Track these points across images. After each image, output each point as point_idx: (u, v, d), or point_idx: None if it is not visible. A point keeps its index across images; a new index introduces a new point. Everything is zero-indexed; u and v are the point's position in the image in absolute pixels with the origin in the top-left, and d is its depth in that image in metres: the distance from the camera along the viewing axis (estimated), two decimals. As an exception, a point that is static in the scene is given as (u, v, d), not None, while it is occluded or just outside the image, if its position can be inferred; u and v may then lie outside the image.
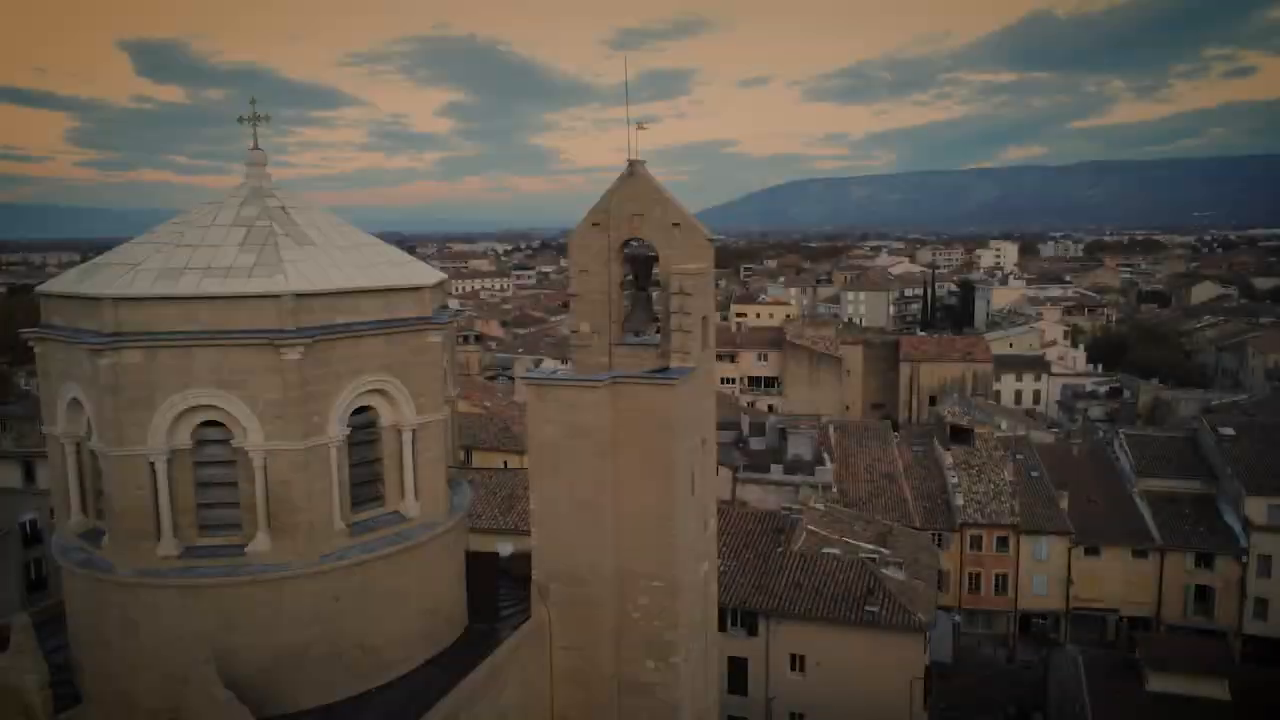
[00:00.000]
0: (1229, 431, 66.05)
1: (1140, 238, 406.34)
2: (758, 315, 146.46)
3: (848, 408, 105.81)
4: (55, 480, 20.09)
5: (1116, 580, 62.89)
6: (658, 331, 23.89)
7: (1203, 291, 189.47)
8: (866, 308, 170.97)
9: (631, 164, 23.39)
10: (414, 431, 20.17)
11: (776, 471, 66.95)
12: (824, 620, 43.61)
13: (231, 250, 18.73)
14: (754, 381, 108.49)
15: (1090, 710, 42.73)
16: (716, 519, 25.53)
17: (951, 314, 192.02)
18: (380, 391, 19.57)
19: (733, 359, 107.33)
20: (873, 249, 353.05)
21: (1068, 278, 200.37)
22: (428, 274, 21.07)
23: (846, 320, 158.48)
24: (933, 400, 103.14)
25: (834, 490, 65.48)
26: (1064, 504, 64.66)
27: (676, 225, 23.06)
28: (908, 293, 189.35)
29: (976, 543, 64.15)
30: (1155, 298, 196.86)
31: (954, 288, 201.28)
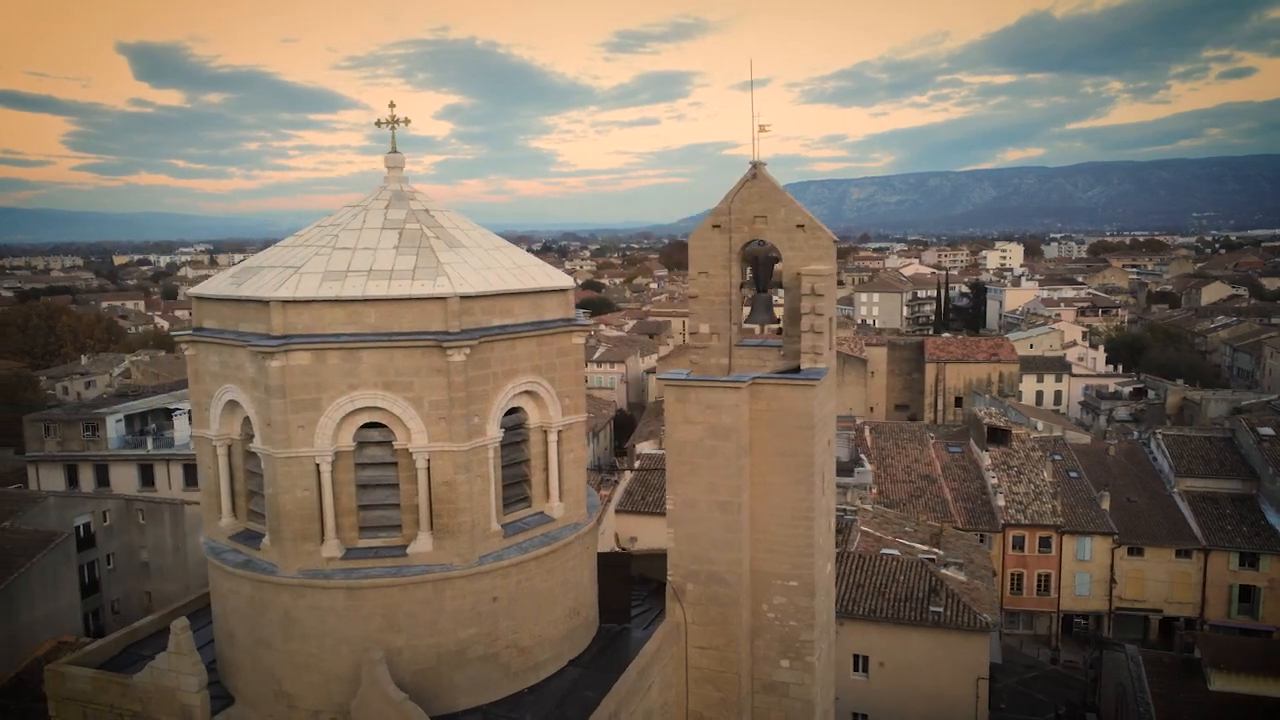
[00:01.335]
0: (1268, 432, 66.35)
1: (1143, 239, 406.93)
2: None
3: (872, 409, 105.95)
4: (205, 482, 20.15)
5: (1160, 580, 63.14)
6: (779, 333, 24.03)
7: (1213, 292, 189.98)
8: (880, 309, 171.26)
9: (754, 166, 23.50)
10: (559, 433, 20.27)
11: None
12: (888, 621, 43.76)
13: (389, 253, 18.82)
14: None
15: (1155, 711, 42.76)
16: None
17: (963, 315, 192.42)
18: (530, 393, 19.67)
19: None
20: (877, 250, 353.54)
21: (1080, 279, 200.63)
22: (563, 276, 21.18)
23: (860, 322, 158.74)
24: (958, 401, 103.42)
25: (873, 491, 65.68)
26: (1105, 504, 64.97)
27: (800, 226, 23.16)
28: (920, 294, 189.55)
29: (1019, 543, 64.40)
30: (1165, 298, 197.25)
31: (965, 289, 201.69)
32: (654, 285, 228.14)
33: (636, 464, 63.10)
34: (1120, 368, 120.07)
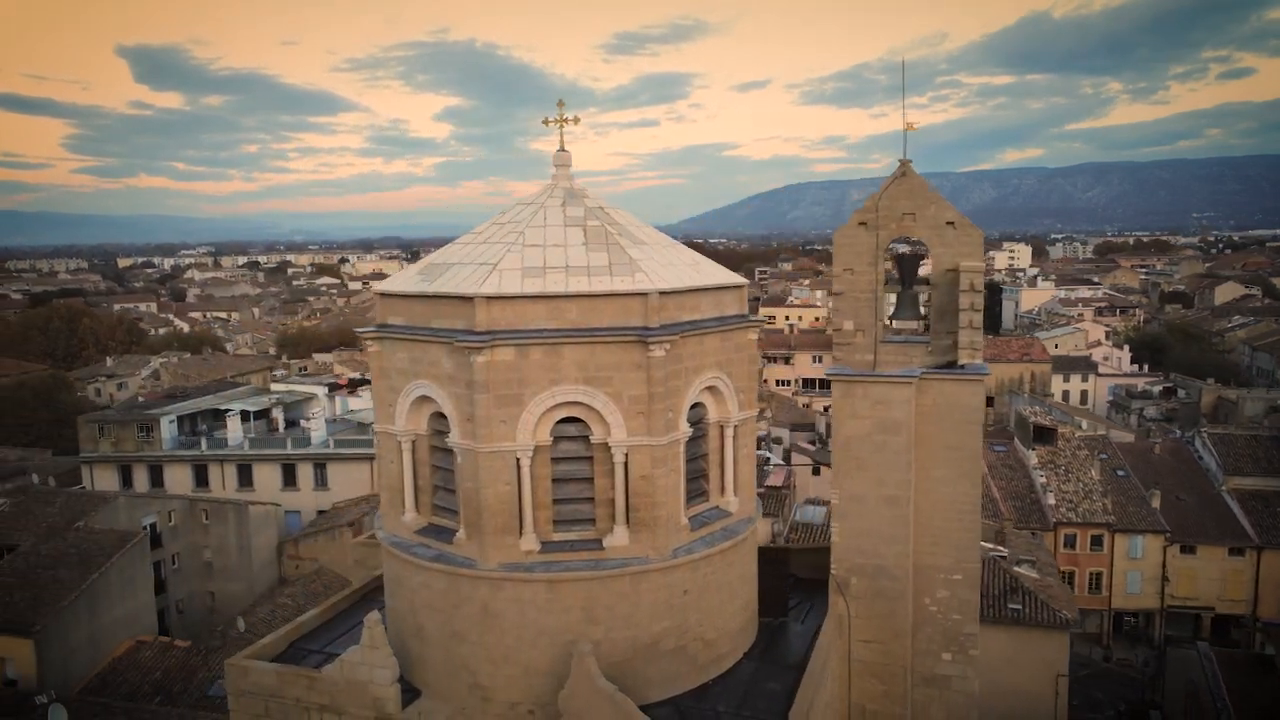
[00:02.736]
0: (1316, 430, 66.73)
1: (1147, 239, 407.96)
2: (786, 318, 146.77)
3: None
4: (389, 477, 20.29)
5: (1212, 578, 63.45)
6: (927, 329, 24.23)
7: (1226, 292, 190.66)
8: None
9: (903, 164, 23.72)
10: (735, 427, 20.45)
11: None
12: (966, 618, 43.86)
13: (579, 250, 19.00)
14: (808, 383, 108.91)
15: (1233, 708, 42.97)
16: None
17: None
18: (712, 388, 19.85)
19: (788, 361, 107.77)
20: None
21: (1095, 279, 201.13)
22: (735, 274, 21.40)
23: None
24: (989, 400, 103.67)
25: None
26: (1156, 503, 65.25)
27: (950, 223, 23.39)
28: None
29: (1070, 541, 64.66)
30: (1178, 298, 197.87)
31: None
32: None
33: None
34: (1145, 367, 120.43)
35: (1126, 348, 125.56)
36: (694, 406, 19.80)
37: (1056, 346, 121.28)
